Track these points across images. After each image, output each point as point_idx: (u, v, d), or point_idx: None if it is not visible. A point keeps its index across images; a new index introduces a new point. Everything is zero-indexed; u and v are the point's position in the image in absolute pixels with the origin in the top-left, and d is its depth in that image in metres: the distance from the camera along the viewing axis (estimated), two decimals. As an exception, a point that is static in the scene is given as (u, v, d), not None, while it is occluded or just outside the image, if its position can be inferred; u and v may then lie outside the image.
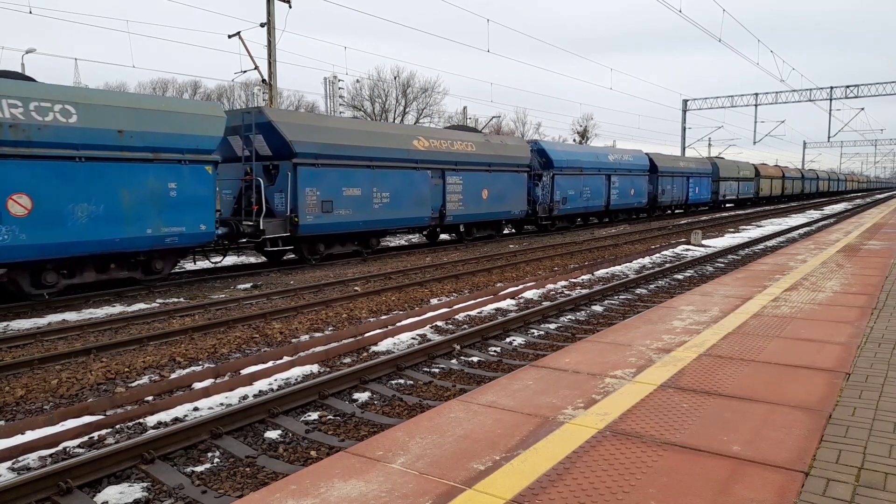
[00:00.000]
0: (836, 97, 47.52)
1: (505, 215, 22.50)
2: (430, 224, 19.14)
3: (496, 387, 4.28)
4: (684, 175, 37.34)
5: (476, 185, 20.63)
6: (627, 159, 31.11)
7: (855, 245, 13.55)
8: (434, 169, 18.89)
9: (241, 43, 21.51)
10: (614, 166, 29.56)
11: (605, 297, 11.00)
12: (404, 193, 17.76)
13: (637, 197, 32.07)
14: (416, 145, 18.20)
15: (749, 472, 2.93)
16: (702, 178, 39.87)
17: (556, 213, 25.41)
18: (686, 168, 37.95)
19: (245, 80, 55.60)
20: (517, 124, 73.44)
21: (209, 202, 12.75)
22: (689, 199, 38.28)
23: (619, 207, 30.68)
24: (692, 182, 38.42)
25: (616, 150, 32.87)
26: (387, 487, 2.83)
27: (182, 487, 4.33)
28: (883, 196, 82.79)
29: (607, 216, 31.37)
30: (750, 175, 48.91)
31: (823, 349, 5.08)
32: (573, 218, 28.14)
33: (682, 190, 37.09)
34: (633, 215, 33.79)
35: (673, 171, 35.97)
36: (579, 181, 26.87)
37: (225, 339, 8.35)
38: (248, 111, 14.81)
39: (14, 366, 7.04)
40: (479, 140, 21.23)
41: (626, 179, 30.85)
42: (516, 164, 22.66)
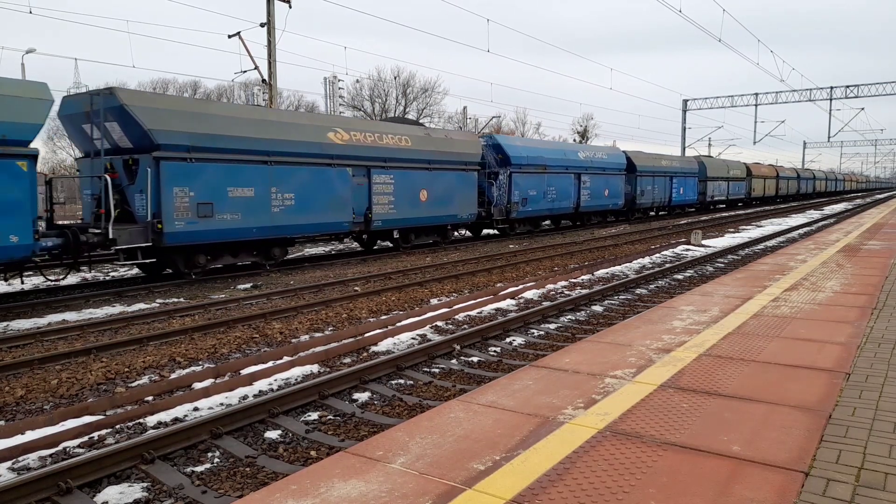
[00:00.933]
0: (836, 97, 47.55)
1: (450, 219, 19.73)
2: (351, 230, 16.55)
3: (496, 387, 4.28)
4: (667, 175, 35.02)
5: (412, 186, 18.08)
6: (601, 157, 28.62)
7: (855, 245, 13.55)
8: (356, 166, 16.29)
9: (241, 43, 21.52)
10: (585, 164, 27.06)
11: (605, 297, 11.00)
12: (315, 195, 15.05)
13: (612, 198, 29.52)
14: (331, 138, 15.57)
15: (749, 472, 2.93)
16: (687, 177, 37.70)
17: (514, 215, 23.02)
18: (669, 167, 35.50)
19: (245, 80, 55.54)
20: (517, 124, 73.46)
21: (25, 207, 10.25)
22: (673, 201, 36.16)
23: (592, 209, 28.16)
24: (676, 182, 36.19)
25: (588, 147, 30.50)
26: (387, 487, 2.83)
27: (182, 487, 4.33)
28: (883, 196, 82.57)
29: (577, 219, 28.91)
30: (741, 175, 46.81)
31: (823, 349, 5.08)
32: (536, 221, 25.72)
33: (664, 190, 34.76)
34: (608, 218, 31.22)
35: (654, 170, 33.59)
36: (542, 180, 24.39)
37: (225, 339, 8.35)
38: (98, 92, 12.17)
39: (14, 366, 7.04)
40: (416, 134, 18.57)
41: (600, 179, 28.42)
42: (465, 161, 20.05)
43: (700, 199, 40.18)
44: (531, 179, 23.88)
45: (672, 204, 36.35)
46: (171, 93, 62.73)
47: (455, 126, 60.04)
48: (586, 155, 27.81)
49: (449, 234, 20.49)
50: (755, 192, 50.08)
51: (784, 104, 55.72)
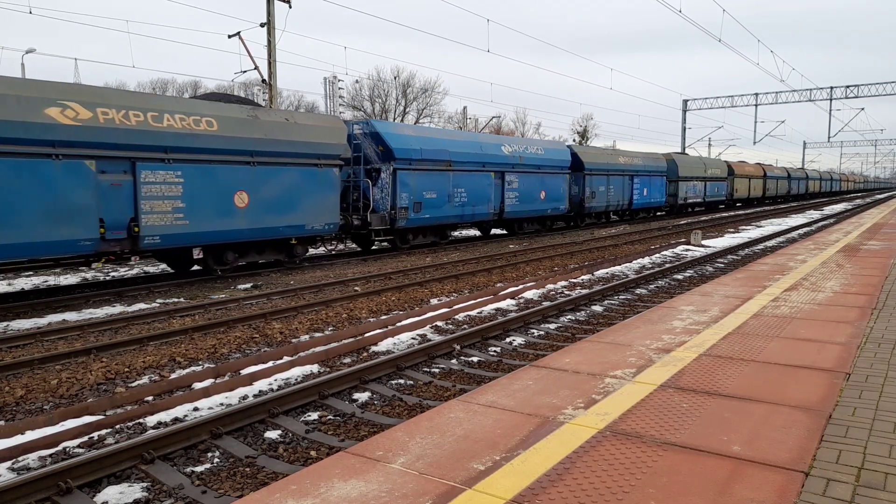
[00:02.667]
0: (836, 97, 47.56)
1: (294, 231, 14.45)
2: (101, 250, 11.33)
3: (496, 387, 4.27)
4: (625, 174, 30.55)
5: (219, 186, 12.87)
6: (534, 152, 23.85)
7: (855, 245, 13.55)
8: (107, 158, 11.19)
9: (241, 43, 21.51)
10: (511, 161, 22.33)
11: (605, 298, 11.00)
12: (20, 200, 10.11)
13: (551, 202, 24.77)
14: (55, 116, 10.40)
15: (749, 472, 2.93)
16: (653, 176, 33.27)
17: (402, 223, 18.05)
18: (628, 165, 31.03)
19: (245, 80, 55.58)
20: (517, 124, 73.47)
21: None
22: (635, 203, 31.64)
23: (522, 215, 23.51)
24: (638, 182, 31.78)
25: (516, 140, 25.79)
26: (387, 487, 2.83)
27: (182, 487, 4.33)
28: (883, 196, 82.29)
29: (501, 226, 24.56)
30: (721, 174, 42.82)
31: (823, 349, 5.08)
32: (440, 230, 20.43)
33: (622, 192, 30.36)
34: (547, 224, 26.30)
35: (608, 168, 29.14)
36: (446, 180, 19.46)
37: (225, 339, 8.35)
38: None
39: (14, 366, 7.04)
40: (229, 114, 13.05)
41: (533, 179, 23.51)
42: (318, 153, 14.80)
43: (670, 201, 36.18)
44: (427, 179, 18.79)
45: (634, 207, 31.89)
46: (171, 93, 62.69)
47: (455, 126, 60.06)
48: (513, 149, 22.80)
49: (298, 250, 15.13)
50: (738, 192, 46.20)
51: (784, 104, 55.76)
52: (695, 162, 39.38)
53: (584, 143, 59.90)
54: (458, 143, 20.56)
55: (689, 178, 37.73)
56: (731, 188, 44.59)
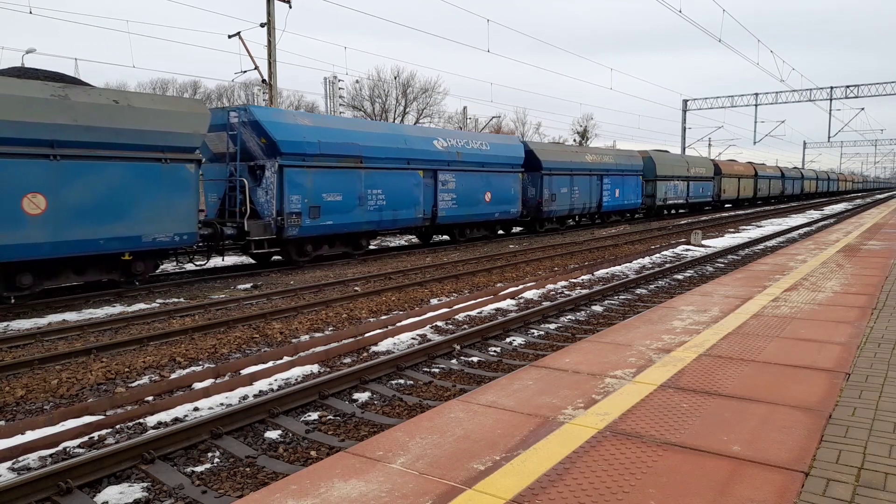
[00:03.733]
0: (836, 97, 47.58)
1: (123, 245, 11.40)
2: None
3: (496, 387, 4.28)
4: (593, 173, 27.68)
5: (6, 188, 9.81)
6: (477, 148, 20.72)
7: (855, 245, 13.55)
8: None
9: (241, 43, 21.53)
10: (445, 157, 19.30)
11: (605, 298, 11.00)
12: None
13: (499, 204, 21.70)
14: None
15: (749, 472, 2.93)
16: (626, 176, 30.45)
17: (292, 232, 14.62)
18: (596, 163, 28.06)
19: (245, 80, 55.67)
20: (517, 124, 73.47)
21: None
22: (605, 205, 28.77)
23: (461, 220, 20.22)
24: (609, 182, 29.00)
25: (454, 133, 21.69)
26: (387, 487, 2.83)
27: (182, 487, 4.33)
28: (883, 196, 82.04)
29: (434, 232, 21.38)
30: (706, 173, 40.25)
31: (823, 349, 5.08)
32: (350, 239, 16.88)
33: (589, 193, 27.47)
34: (496, 230, 23.24)
35: (571, 167, 26.09)
36: (355, 179, 16.32)
37: (225, 339, 8.35)
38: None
39: (14, 366, 7.04)
40: (17, 93, 9.84)
41: (476, 178, 20.52)
42: (161, 145, 11.73)
43: (647, 202, 33.47)
44: (329, 178, 15.65)
45: (604, 210, 28.96)
46: (171, 93, 62.71)
47: (455, 127, 60.06)
48: (449, 144, 19.67)
49: (138, 267, 12.06)
50: (726, 193, 43.61)
51: (784, 104, 55.78)
52: (675, 160, 36.60)
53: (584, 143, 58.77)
54: (372, 136, 17.18)
55: (670, 177, 35.01)
56: (718, 188, 42.23)
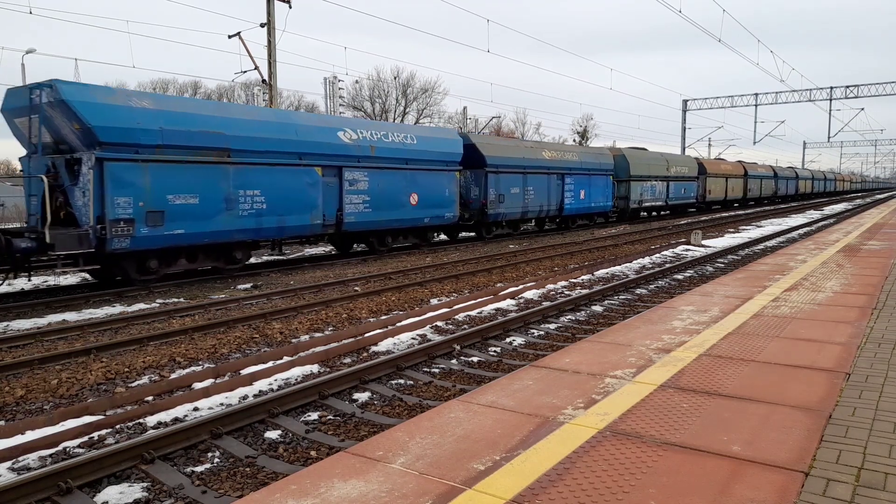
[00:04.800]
0: (836, 97, 47.61)
1: None
2: None
3: (496, 387, 4.27)
4: (551, 172, 24.77)
5: None
6: (398, 142, 17.58)
7: (855, 245, 13.55)
8: None
9: (241, 43, 21.52)
10: (354, 152, 16.08)
11: (605, 298, 11.00)
12: None
13: (429, 208, 18.60)
14: None
15: (749, 472, 2.93)
16: (593, 175, 27.61)
17: (119, 245, 11.46)
18: (557, 161, 25.08)
19: (245, 80, 55.63)
20: (517, 124, 73.47)
21: None
22: (567, 208, 25.91)
23: (376, 226, 17.09)
24: (573, 182, 26.18)
25: (371, 124, 17.92)
26: (387, 487, 2.83)
27: (182, 487, 4.33)
28: (883, 196, 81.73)
29: (344, 240, 18.37)
30: (689, 173, 37.59)
31: (823, 349, 5.08)
32: (217, 252, 13.63)
33: (546, 194, 24.50)
34: (430, 237, 19.90)
35: (524, 164, 23.11)
36: (219, 177, 12.97)
37: (225, 339, 8.35)
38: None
39: (14, 366, 7.04)
40: None
41: (399, 177, 17.48)
42: None
43: (620, 204, 30.77)
44: (180, 175, 12.46)
45: (566, 213, 26.16)
46: (172, 93, 62.71)
47: (455, 127, 60.07)
48: (359, 136, 16.44)
49: None
50: (712, 194, 41.12)
51: (784, 104, 55.73)
52: (653, 158, 33.86)
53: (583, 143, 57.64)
54: (245, 124, 13.65)
55: (646, 177, 32.30)
56: (703, 189, 39.87)
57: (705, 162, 41.29)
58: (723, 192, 42.86)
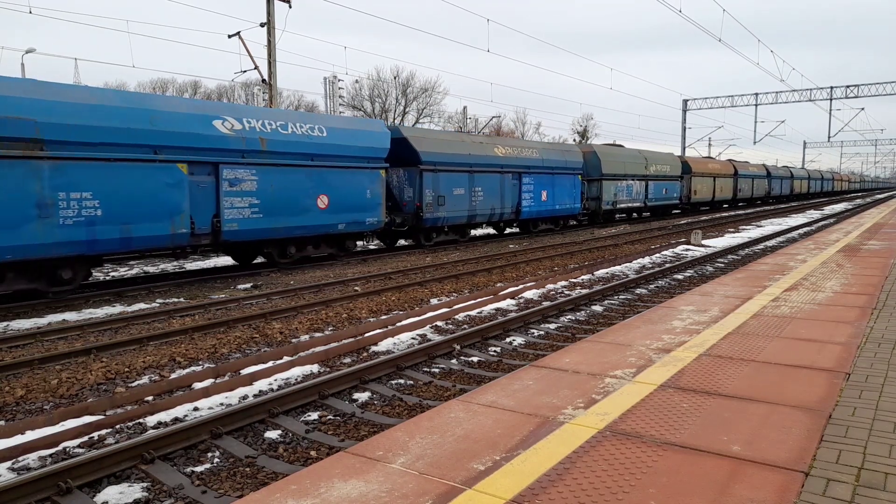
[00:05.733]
0: (836, 97, 47.60)
1: None
2: None
3: (496, 387, 4.27)
4: (505, 170, 21.87)
5: None
6: (304, 134, 14.69)
7: (855, 245, 13.55)
8: None
9: (241, 43, 21.52)
10: (237, 146, 13.23)
11: (605, 297, 11.00)
12: None
13: (346, 211, 15.82)
14: None
15: (749, 472, 2.93)
16: (557, 175, 24.75)
17: None
18: (511, 158, 22.18)
19: (245, 80, 55.63)
20: (517, 124, 73.49)
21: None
22: (525, 211, 23.04)
23: (273, 236, 14.29)
24: (532, 182, 23.27)
25: (263, 112, 14.77)
26: (387, 487, 2.83)
27: (182, 487, 4.33)
28: (883, 196, 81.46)
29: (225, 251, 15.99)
30: (671, 172, 35.16)
31: (823, 349, 5.08)
32: (35, 270, 10.78)
33: (499, 195, 21.62)
34: (348, 246, 16.77)
35: (469, 162, 20.21)
36: (26, 175, 10.17)
37: (225, 339, 8.35)
38: None
39: (14, 366, 7.04)
40: None
41: (301, 177, 14.65)
42: None
43: (591, 206, 28.25)
44: None
45: (523, 216, 23.24)
46: (171, 93, 62.66)
47: (455, 127, 60.06)
48: (244, 126, 13.49)
49: None
50: (698, 194, 38.77)
51: (784, 104, 55.75)
52: (629, 156, 31.37)
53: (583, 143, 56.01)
54: (69, 109, 10.77)
55: (621, 176, 29.88)
56: (687, 189, 37.59)
57: (690, 160, 38.96)
58: (710, 193, 40.72)
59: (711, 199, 41.02)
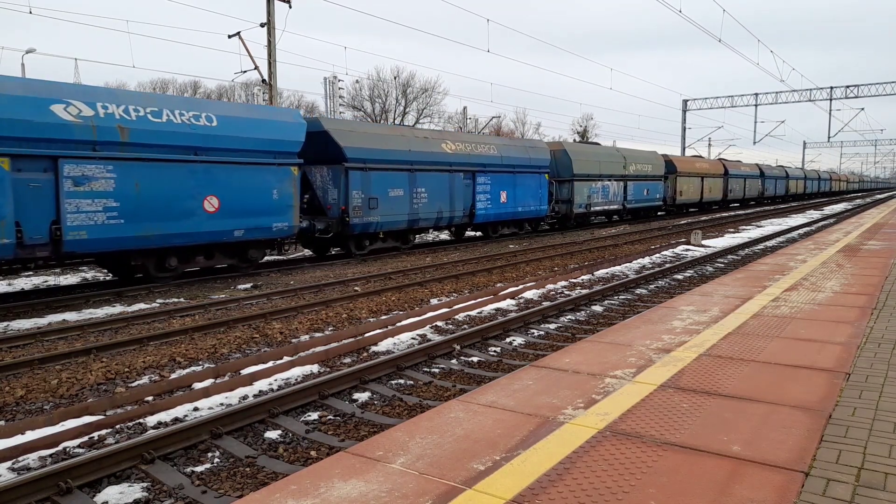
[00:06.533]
0: (836, 97, 47.60)
1: None
2: None
3: (496, 387, 4.27)
4: (455, 169, 19.50)
5: None
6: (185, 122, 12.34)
7: (855, 245, 13.55)
8: None
9: (241, 43, 21.52)
10: (85, 137, 10.91)
11: (605, 298, 11.00)
12: None
13: (245, 216, 13.44)
14: None
15: (749, 472, 2.93)
16: (519, 174, 22.59)
17: None
18: (461, 155, 19.77)
19: (245, 80, 55.64)
20: (517, 124, 73.47)
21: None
22: (479, 214, 20.72)
23: (135, 246, 11.75)
24: (488, 182, 20.96)
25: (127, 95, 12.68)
26: (387, 487, 2.83)
27: (182, 487, 4.33)
28: (883, 196, 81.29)
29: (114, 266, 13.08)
30: (653, 171, 32.90)
31: (823, 349, 5.08)
32: None
33: (448, 197, 19.27)
34: (250, 255, 14.18)
35: (411, 160, 17.94)
36: None
37: (225, 339, 8.35)
38: None
39: (14, 366, 7.04)
40: None
41: (180, 174, 12.28)
42: None
43: (561, 208, 26.21)
44: None
45: (478, 220, 20.86)
46: (171, 93, 62.65)
47: (455, 127, 60.06)
48: (96, 113, 11.15)
49: None
50: (683, 195, 36.52)
51: (784, 104, 55.72)
52: (604, 155, 29.21)
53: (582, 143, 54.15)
54: None
55: (595, 176, 27.76)
56: (672, 190, 35.47)
57: (675, 159, 36.56)
58: (698, 194, 38.50)
59: (699, 201, 39.10)
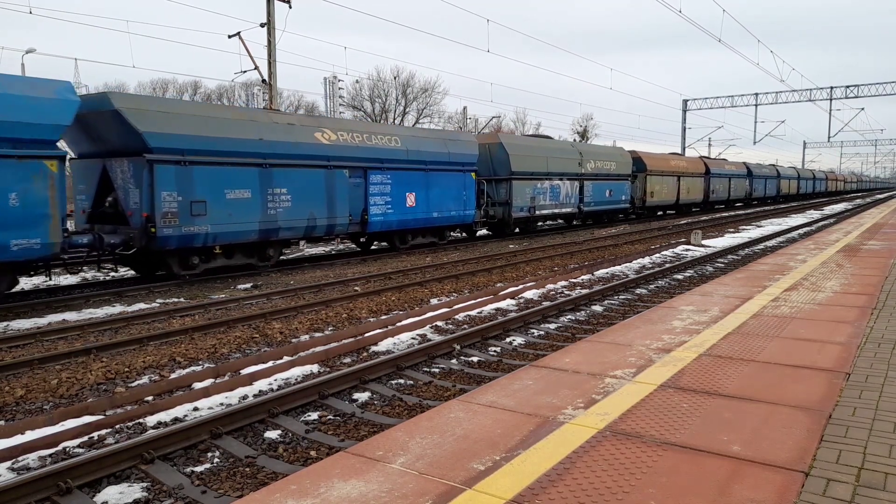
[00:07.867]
0: (836, 97, 47.57)
1: None
2: None
3: (496, 387, 4.27)
4: (335, 165, 15.78)
5: None
6: None
7: (855, 245, 13.54)
8: None
9: (241, 43, 21.50)
10: None
11: (604, 297, 10.99)
12: None
13: None
14: None
15: (749, 472, 2.93)
16: (435, 172, 18.97)
17: None
18: (346, 147, 16.08)
19: (245, 80, 55.61)
20: (517, 124, 73.47)
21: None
22: (374, 221, 17.00)
23: None
24: (387, 181, 17.32)
25: None
26: (387, 487, 2.83)
27: (182, 487, 4.33)
28: (883, 196, 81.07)
29: None
30: (618, 170, 29.16)
31: (823, 349, 5.07)
32: None
33: (323, 201, 15.52)
34: None
35: (265, 152, 14.03)
36: None
37: (225, 339, 8.35)
38: None
39: (14, 366, 7.03)
40: None
41: None
42: None
43: (497, 212, 22.82)
44: None
45: (373, 229, 17.22)
46: (171, 93, 62.69)
47: (455, 127, 60.03)
48: None
49: None
50: (655, 196, 32.63)
51: (784, 104, 55.68)
52: (555, 150, 25.41)
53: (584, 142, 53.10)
54: None
55: (541, 175, 24.10)
56: (641, 190, 31.71)
57: (646, 156, 32.43)
58: (673, 195, 34.50)
59: (675, 202, 35.23)
